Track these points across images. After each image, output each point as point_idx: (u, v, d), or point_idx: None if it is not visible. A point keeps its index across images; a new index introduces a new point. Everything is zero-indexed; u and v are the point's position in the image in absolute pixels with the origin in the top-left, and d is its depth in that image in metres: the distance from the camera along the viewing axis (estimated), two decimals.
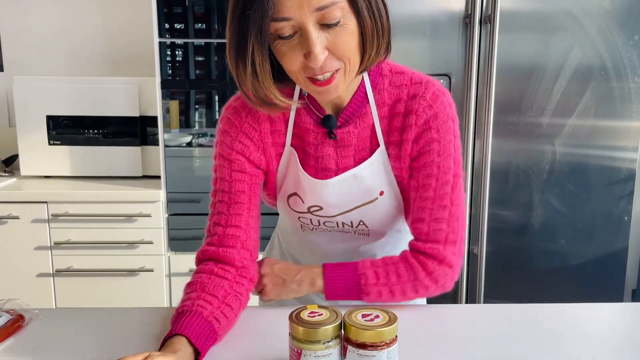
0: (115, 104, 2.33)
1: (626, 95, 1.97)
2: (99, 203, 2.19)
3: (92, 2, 2.61)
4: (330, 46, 0.79)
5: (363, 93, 0.93)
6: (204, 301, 0.86)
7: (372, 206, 0.97)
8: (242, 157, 0.95)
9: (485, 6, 1.92)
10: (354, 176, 0.95)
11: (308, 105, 0.94)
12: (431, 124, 0.90)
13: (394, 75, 0.93)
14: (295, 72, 0.82)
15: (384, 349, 0.75)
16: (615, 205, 2.04)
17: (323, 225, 1.01)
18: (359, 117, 0.93)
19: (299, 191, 0.98)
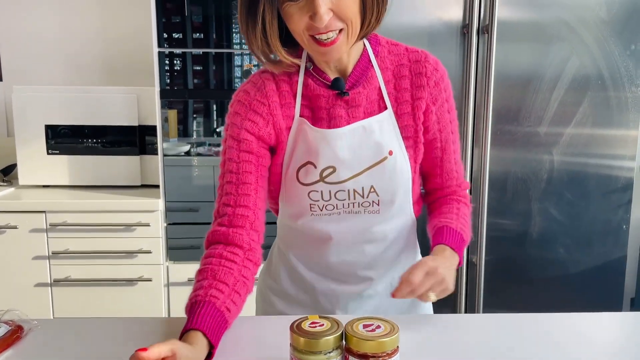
0: (114, 113, 2.33)
1: (623, 105, 1.99)
2: (97, 212, 2.19)
3: (91, 12, 2.62)
4: (334, 8, 0.87)
5: (366, 59, 1.00)
6: (215, 290, 0.88)
7: (381, 168, 0.99)
8: (251, 136, 0.98)
9: (482, 16, 1.94)
10: (363, 128, 0.99)
11: (314, 75, 0.99)
12: (441, 85, 1.01)
13: (390, 45, 1.03)
14: (300, 32, 0.89)
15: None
16: (614, 213, 2.05)
17: (334, 199, 1.00)
18: (365, 80, 1.00)
19: (312, 156, 0.99)
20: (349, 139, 0.98)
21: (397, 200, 1.03)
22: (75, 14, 2.62)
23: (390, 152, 0.99)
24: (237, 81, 2.21)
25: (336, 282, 1.09)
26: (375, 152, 0.99)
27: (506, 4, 1.93)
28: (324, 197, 1.00)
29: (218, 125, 2.27)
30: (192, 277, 2.02)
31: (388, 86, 1.00)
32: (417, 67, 1.00)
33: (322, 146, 0.98)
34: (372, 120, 0.99)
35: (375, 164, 0.99)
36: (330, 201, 1.01)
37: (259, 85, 1.00)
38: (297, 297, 1.11)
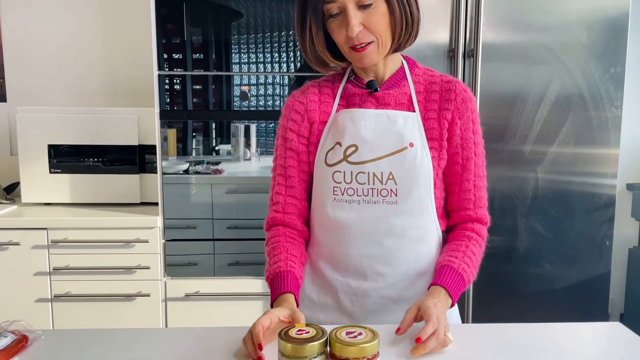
0: (115, 133, 2.41)
1: (604, 125, 2.06)
2: (97, 229, 2.25)
3: (94, 36, 2.71)
4: (364, 22, 1.05)
5: (402, 72, 1.16)
6: (291, 262, 1.09)
7: (401, 157, 1.09)
8: (292, 134, 1.17)
9: (468, 41, 2.03)
10: (388, 116, 1.12)
11: (354, 82, 1.17)
12: (469, 105, 1.13)
13: (426, 70, 1.18)
14: (342, 43, 1.08)
15: None
16: (597, 230, 2.11)
17: (355, 182, 1.10)
18: (398, 86, 1.15)
19: (339, 136, 1.12)
20: (372, 121, 1.11)
21: (416, 193, 1.10)
22: (78, 37, 2.71)
23: (412, 144, 1.10)
24: (236, 100, 2.29)
25: (355, 278, 1.14)
26: (396, 141, 1.10)
27: (490, 29, 2.02)
28: (345, 179, 1.11)
29: (217, 144, 2.35)
30: (190, 293, 2.15)
31: (418, 95, 1.14)
32: (448, 86, 1.13)
33: (348, 125, 1.12)
34: (397, 113, 1.12)
35: (395, 152, 1.10)
36: (351, 184, 1.11)
37: (304, 89, 1.20)
38: (320, 301, 1.18)
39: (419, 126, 1.11)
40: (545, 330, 1.08)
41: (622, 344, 1.04)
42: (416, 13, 1.09)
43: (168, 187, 2.31)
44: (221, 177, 2.32)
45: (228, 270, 2.33)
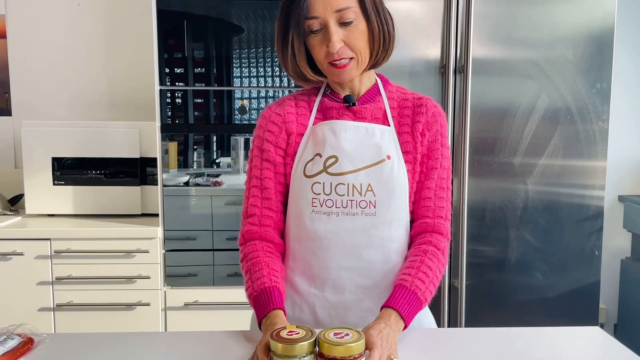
0: (117, 146, 2.47)
1: (591, 138, 2.12)
2: (99, 240, 2.31)
3: (97, 51, 2.79)
4: (345, 39, 1.09)
5: (376, 88, 1.20)
6: (274, 277, 1.09)
7: (379, 169, 1.12)
8: (270, 145, 1.19)
9: (458, 57, 2.10)
10: (366, 129, 1.15)
11: (330, 96, 1.20)
12: (438, 119, 1.17)
13: (399, 88, 1.23)
14: (322, 59, 1.11)
15: None
16: (586, 240, 2.17)
17: (334, 193, 1.11)
18: (373, 102, 1.19)
19: (319, 147, 1.14)
20: (352, 133, 1.14)
21: (394, 204, 1.12)
22: (82, 53, 2.79)
23: (389, 156, 1.13)
24: (237, 114, 2.35)
25: (334, 292, 1.14)
26: (374, 153, 1.13)
27: (480, 45, 2.09)
28: (325, 190, 1.12)
29: (217, 156, 2.41)
30: (189, 302, 2.20)
31: (392, 111, 1.18)
32: (420, 102, 1.18)
33: (328, 136, 1.14)
34: (375, 126, 1.15)
35: (373, 164, 1.12)
36: (331, 195, 1.12)
37: (280, 102, 1.22)
38: (294, 317, 1.17)
39: (395, 140, 1.15)
40: (526, 334, 1.13)
41: (601, 348, 1.09)
42: (392, 31, 1.14)
43: (168, 199, 2.37)
44: (221, 189, 2.38)
45: (227, 281, 2.38)
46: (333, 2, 1.08)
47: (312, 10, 1.08)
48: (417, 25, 2.10)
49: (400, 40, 2.07)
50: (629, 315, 2.77)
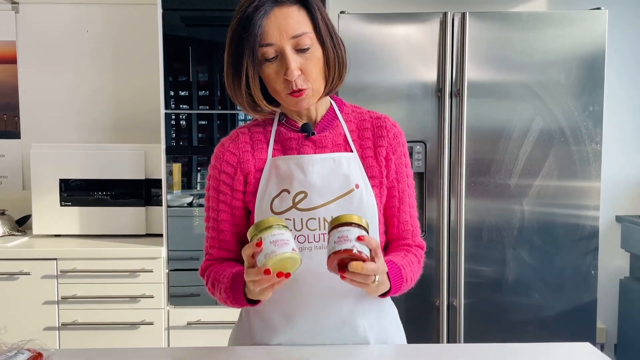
0: (123, 168, 2.54)
1: (585, 159, 2.17)
2: (104, 260, 2.36)
3: (104, 75, 2.87)
4: (302, 68, 1.05)
5: (332, 112, 1.17)
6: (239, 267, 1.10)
7: (349, 199, 1.09)
8: (225, 187, 1.15)
9: (454, 81, 2.16)
10: (333, 159, 1.12)
11: (286, 125, 1.16)
12: (399, 139, 1.16)
13: (354, 107, 1.21)
14: (279, 90, 1.07)
15: (354, 227, 0.94)
16: (582, 260, 2.20)
17: (306, 228, 1.08)
18: (331, 127, 1.16)
19: (285, 183, 1.10)
20: (319, 166, 1.10)
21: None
22: (90, 77, 2.87)
23: (357, 185, 1.10)
24: None
25: (310, 324, 1.11)
26: (343, 183, 1.10)
27: (475, 69, 2.15)
28: (296, 227, 1.08)
29: None
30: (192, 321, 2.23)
31: (352, 134, 1.15)
32: (378, 122, 1.16)
33: (295, 171, 1.10)
34: (340, 155, 1.12)
35: (343, 195, 1.09)
36: (302, 231, 1.08)
37: (233, 137, 1.17)
38: (262, 341, 1.14)
39: (359, 166, 1.13)
40: (518, 350, 1.16)
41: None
42: (345, 57, 1.11)
43: (172, 220, 2.41)
44: None
45: None
46: (288, 28, 1.04)
47: (267, 36, 1.03)
48: (413, 50, 2.17)
49: (397, 64, 2.17)
50: (629, 335, 2.78)
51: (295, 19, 1.05)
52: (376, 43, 2.16)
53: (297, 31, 1.04)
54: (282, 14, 1.04)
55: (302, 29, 1.05)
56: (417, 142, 2.19)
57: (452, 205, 2.19)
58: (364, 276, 0.95)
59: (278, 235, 0.92)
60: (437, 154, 2.19)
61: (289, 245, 0.92)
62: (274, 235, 0.92)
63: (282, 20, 1.04)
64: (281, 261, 0.91)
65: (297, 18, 1.05)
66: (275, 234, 0.92)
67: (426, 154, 2.19)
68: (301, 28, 1.05)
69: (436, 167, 2.19)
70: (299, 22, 1.05)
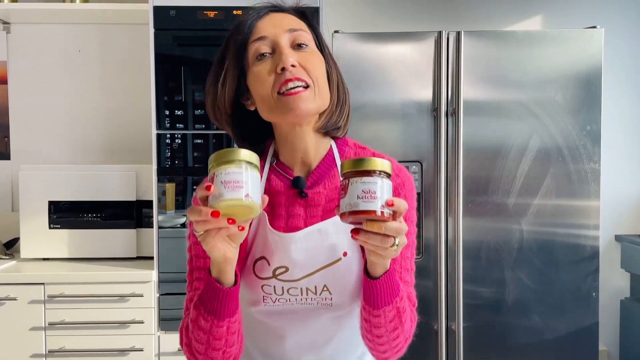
0: (113, 189, 2.49)
1: (583, 178, 2.14)
2: (93, 284, 2.29)
3: (97, 95, 2.84)
4: (300, 61, 0.91)
5: (331, 157, 1.01)
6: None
7: (335, 268, 0.96)
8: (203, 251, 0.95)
9: (450, 99, 2.13)
10: (319, 231, 0.96)
11: (278, 170, 1.00)
12: (399, 191, 0.98)
13: (357, 148, 1.04)
14: (267, 92, 0.91)
15: (384, 177, 0.77)
16: (583, 281, 2.15)
17: (287, 294, 0.98)
18: (327, 178, 1.00)
19: (266, 252, 0.97)
20: (303, 242, 0.96)
21: (353, 299, 0.99)
22: (81, 98, 2.83)
23: (345, 253, 0.96)
24: None
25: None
26: (329, 254, 0.96)
27: (471, 87, 2.13)
28: (276, 292, 0.98)
29: None
30: None
31: None
32: None
33: (276, 247, 0.96)
34: (328, 222, 0.96)
35: (329, 265, 0.96)
36: (283, 296, 0.98)
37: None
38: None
39: (350, 227, 0.94)
40: None
41: None
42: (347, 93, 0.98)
43: (164, 241, 2.35)
44: None
45: None
46: (284, 21, 0.93)
47: (260, 31, 0.92)
48: (408, 68, 2.14)
49: (391, 83, 2.14)
50: (631, 357, 2.72)
51: (294, 19, 0.96)
52: (371, 62, 2.14)
53: (294, 25, 0.93)
54: (278, 15, 0.95)
55: (299, 24, 0.95)
56: (412, 161, 2.16)
57: (449, 225, 2.15)
58: (381, 237, 0.78)
59: (231, 175, 0.75)
60: (433, 174, 2.15)
61: (242, 189, 0.75)
62: (228, 174, 0.75)
63: (279, 18, 0.94)
64: (230, 208, 0.75)
65: (295, 19, 0.96)
66: (229, 172, 0.75)
67: (422, 174, 2.16)
68: (299, 24, 0.95)
69: (433, 186, 2.15)
70: (297, 21, 0.95)
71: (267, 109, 0.94)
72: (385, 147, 2.19)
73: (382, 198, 0.77)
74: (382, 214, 0.77)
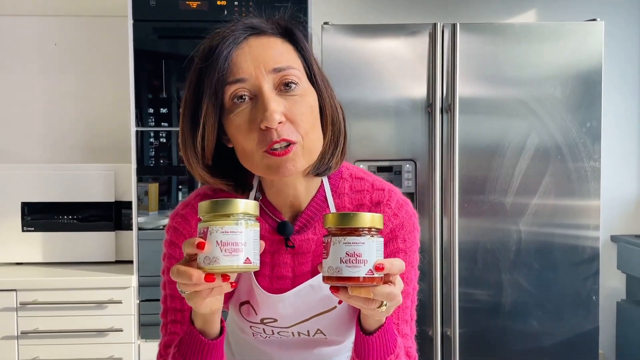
0: (91, 190, 2.36)
1: (583, 177, 2.06)
2: (68, 290, 2.17)
3: (74, 92, 2.70)
4: (288, 113, 0.76)
5: (322, 197, 0.88)
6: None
7: (329, 315, 0.88)
8: None
9: (445, 96, 2.04)
10: (311, 287, 0.86)
11: (264, 210, 0.88)
12: (397, 233, 0.88)
13: (354, 180, 0.90)
14: (251, 148, 0.77)
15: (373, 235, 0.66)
16: (583, 285, 2.08)
17: (277, 335, 0.92)
18: (317, 222, 0.88)
19: (252, 301, 0.89)
20: (292, 299, 0.86)
21: (347, 338, 0.93)
22: (58, 94, 2.70)
23: (340, 301, 0.86)
24: None
25: None
26: (323, 304, 0.87)
27: (467, 83, 2.04)
28: (266, 332, 0.92)
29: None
30: None
31: None
32: (376, 211, 0.87)
33: (262, 302, 0.87)
34: (320, 279, 0.83)
35: (322, 313, 0.88)
36: (274, 335, 0.93)
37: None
38: None
39: None
40: None
41: None
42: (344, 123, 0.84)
43: (146, 244, 2.24)
44: None
45: None
46: (268, 59, 0.77)
47: (238, 70, 0.76)
48: (401, 62, 2.05)
49: (384, 78, 2.05)
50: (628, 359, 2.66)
51: (279, 50, 0.79)
52: (362, 56, 2.04)
53: (281, 63, 0.77)
54: (259, 43, 0.78)
55: (287, 61, 0.78)
56: (406, 160, 2.07)
57: (444, 226, 2.06)
58: (365, 300, 0.69)
59: (229, 235, 0.65)
60: (427, 173, 2.06)
61: (240, 253, 0.65)
62: (225, 234, 0.64)
63: (260, 50, 0.77)
64: (226, 272, 0.67)
65: (280, 49, 0.79)
66: (225, 230, 0.65)
67: (416, 173, 2.07)
68: (286, 60, 0.78)
69: (427, 186, 2.06)
70: (282, 53, 0.79)
71: (250, 164, 0.81)
72: (378, 146, 2.12)
73: (370, 261, 0.67)
74: (370, 279, 0.67)
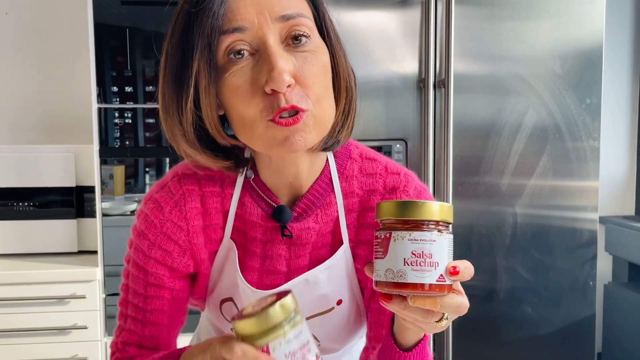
0: (49, 173, 2.16)
1: (582, 156, 1.98)
2: (27, 284, 1.98)
3: (28, 66, 2.47)
4: (298, 73, 0.62)
5: (327, 179, 0.75)
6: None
7: (325, 317, 0.79)
8: (162, 268, 0.75)
9: (438, 71, 1.91)
10: (306, 282, 0.75)
11: (257, 192, 0.74)
12: None
13: (364, 161, 0.77)
14: (252, 116, 0.63)
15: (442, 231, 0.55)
16: (580, 270, 2.00)
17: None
18: (320, 208, 0.75)
19: (235, 298, 0.78)
20: None
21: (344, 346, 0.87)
22: (9, 67, 2.46)
23: (339, 301, 0.78)
24: None
25: None
26: (319, 304, 0.78)
27: (462, 58, 1.92)
28: None
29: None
30: None
31: (349, 217, 0.76)
32: (391, 198, 0.76)
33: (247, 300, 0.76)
34: (319, 269, 0.76)
35: (318, 314, 0.79)
36: None
37: (177, 199, 0.74)
38: None
39: (348, 269, 0.77)
40: None
41: None
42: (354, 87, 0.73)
43: (111, 231, 2.07)
44: None
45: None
46: (273, 2, 0.62)
47: (236, 16, 0.61)
48: (392, 38, 1.91)
49: (374, 54, 1.89)
50: (614, 345, 2.63)
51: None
52: (349, 28, 1.88)
53: (290, 9, 0.63)
54: None
55: (296, 7, 0.64)
56: (396, 140, 1.93)
57: None
58: (425, 312, 0.59)
59: (294, 343, 0.57)
60: (419, 153, 1.94)
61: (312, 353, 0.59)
62: (289, 343, 0.56)
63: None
64: None
65: None
66: (290, 339, 0.56)
67: (407, 153, 1.94)
68: (295, 6, 0.64)
69: (419, 167, 1.94)
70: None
71: (249, 135, 0.66)
72: (366, 125, 1.97)
73: (441, 264, 0.56)
74: (439, 287, 0.55)
